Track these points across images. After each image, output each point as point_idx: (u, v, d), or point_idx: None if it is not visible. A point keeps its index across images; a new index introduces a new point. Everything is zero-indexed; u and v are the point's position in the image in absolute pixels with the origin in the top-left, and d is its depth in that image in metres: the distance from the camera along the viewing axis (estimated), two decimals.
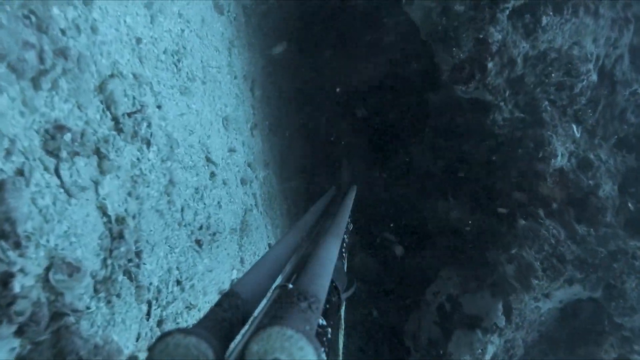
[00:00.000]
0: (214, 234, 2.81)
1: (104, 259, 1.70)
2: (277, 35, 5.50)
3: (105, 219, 1.74)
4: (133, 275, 1.85)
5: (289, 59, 5.55)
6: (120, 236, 1.77)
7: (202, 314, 2.65)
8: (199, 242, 2.59)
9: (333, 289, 1.60)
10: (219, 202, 2.98)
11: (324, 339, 1.20)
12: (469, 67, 3.92)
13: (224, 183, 3.18)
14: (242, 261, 3.31)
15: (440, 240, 5.00)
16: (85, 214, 1.62)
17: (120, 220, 1.80)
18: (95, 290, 1.64)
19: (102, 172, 1.75)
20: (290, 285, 1.22)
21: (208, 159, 2.85)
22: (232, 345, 0.92)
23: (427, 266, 5.01)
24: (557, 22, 3.89)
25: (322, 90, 5.99)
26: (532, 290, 3.86)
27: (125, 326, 1.77)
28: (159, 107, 2.36)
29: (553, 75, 4.02)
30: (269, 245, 4.07)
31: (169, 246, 2.26)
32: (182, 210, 2.45)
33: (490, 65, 3.88)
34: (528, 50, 3.92)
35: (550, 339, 4.33)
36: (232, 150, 3.49)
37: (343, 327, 1.82)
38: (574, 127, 4.17)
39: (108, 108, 1.91)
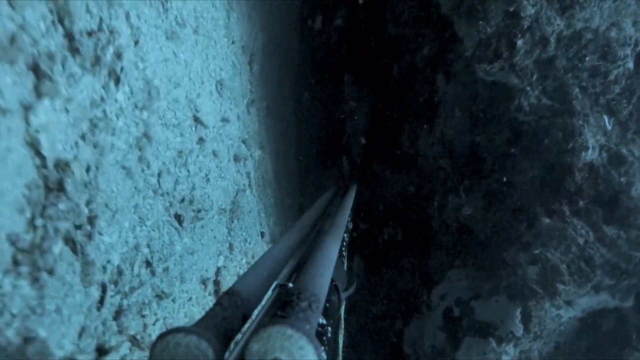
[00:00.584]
0: (199, 210, 2.26)
1: (32, 218, 1.15)
2: (279, 14, 4.98)
3: (38, 161, 1.19)
4: (79, 247, 1.30)
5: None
6: (60, 188, 1.22)
7: (177, 306, 2.12)
8: (179, 218, 2.04)
9: (333, 288, 1.53)
10: (206, 175, 2.44)
11: (324, 338, 1.12)
12: (495, 44, 3.40)
13: (214, 155, 2.64)
14: (230, 247, 2.76)
15: (448, 239, 4.47)
16: (3, 148, 1.08)
17: (62, 167, 1.25)
18: (15, 262, 1.10)
19: (39, 95, 1.20)
20: (291, 285, 1.19)
21: (196, 120, 2.30)
22: (232, 345, 0.87)
23: (432, 267, 4.48)
24: None
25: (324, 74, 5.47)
26: (557, 296, 3.33)
27: (60, 317, 1.22)
28: (136, 42, 1.81)
29: (587, 58, 3.50)
30: (262, 233, 3.55)
31: (138, 217, 1.72)
32: (160, 175, 1.90)
33: (519, 43, 3.37)
34: (562, 29, 3.40)
35: (567, 352, 3.80)
36: (225, 120, 2.95)
37: (343, 326, 1.82)
38: (606, 118, 3.65)
39: (60, 20, 1.37)
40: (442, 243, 4.58)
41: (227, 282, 2.54)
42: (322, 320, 1.12)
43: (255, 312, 1.06)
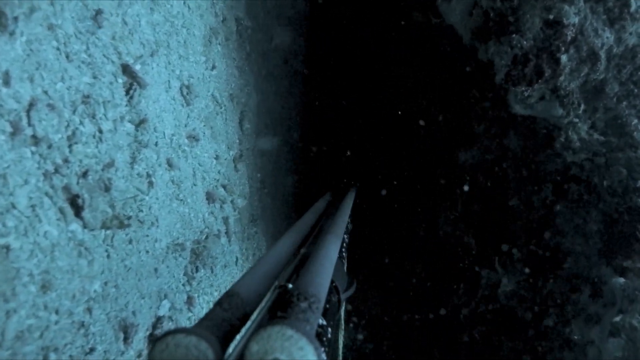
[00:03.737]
0: (127, 217, 1.39)
1: None
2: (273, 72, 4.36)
3: None
4: None
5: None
6: None
7: None
8: (74, 201, 1.16)
9: (333, 288, 1.41)
10: (149, 176, 1.58)
11: (324, 339, 1.05)
12: (535, 60, 2.66)
13: (169, 164, 1.80)
14: (190, 302, 1.83)
15: (482, 328, 3.47)
16: None
17: None
18: None
19: None
20: (290, 285, 1.10)
21: (127, 71, 1.48)
22: (232, 345, 0.82)
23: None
24: None
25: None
26: None
27: None
28: None
29: None
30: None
31: None
32: (32, 106, 1.06)
33: (564, 58, 2.63)
34: (612, 44, 2.68)
35: None
36: (193, 139, 2.15)
37: (343, 327, 1.78)
38: None
39: None
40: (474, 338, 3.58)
41: None
42: (322, 321, 1.06)
43: (255, 312, 0.96)
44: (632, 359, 2.27)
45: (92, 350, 1.19)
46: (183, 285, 1.82)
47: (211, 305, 2.08)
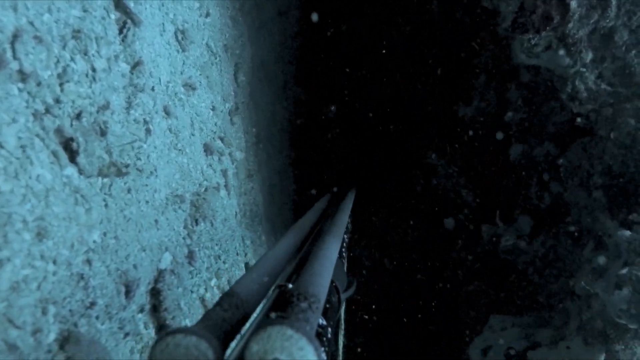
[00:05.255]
0: (125, 164, 1.29)
1: None
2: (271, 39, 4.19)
3: None
4: None
5: None
6: None
7: None
8: (68, 145, 1.06)
9: (333, 288, 1.40)
10: (147, 123, 1.47)
11: (324, 339, 1.05)
12: (543, 6, 2.55)
13: (166, 112, 1.70)
14: (191, 256, 1.75)
15: (481, 280, 3.44)
16: None
17: None
18: None
19: None
20: (290, 285, 1.10)
21: (120, 6, 1.35)
22: (232, 345, 0.82)
23: (464, 314, 3.40)
24: None
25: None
26: None
27: None
28: None
29: None
30: (246, 265, 2.56)
31: None
32: (15, 37, 0.95)
33: (573, 4, 2.51)
34: None
35: None
36: (190, 87, 2.04)
37: (343, 327, 1.77)
38: None
39: None
40: (471, 291, 3.55)
41: (174, 297, 1.52)
42: (322, 321, 1.07)
43: (255, 312, 0.97)
44: (638, 311, 2.23)
45: (92, 304, 1.11)
46: (183, 238, 1.73)
47: (212, 259, 2.01)
